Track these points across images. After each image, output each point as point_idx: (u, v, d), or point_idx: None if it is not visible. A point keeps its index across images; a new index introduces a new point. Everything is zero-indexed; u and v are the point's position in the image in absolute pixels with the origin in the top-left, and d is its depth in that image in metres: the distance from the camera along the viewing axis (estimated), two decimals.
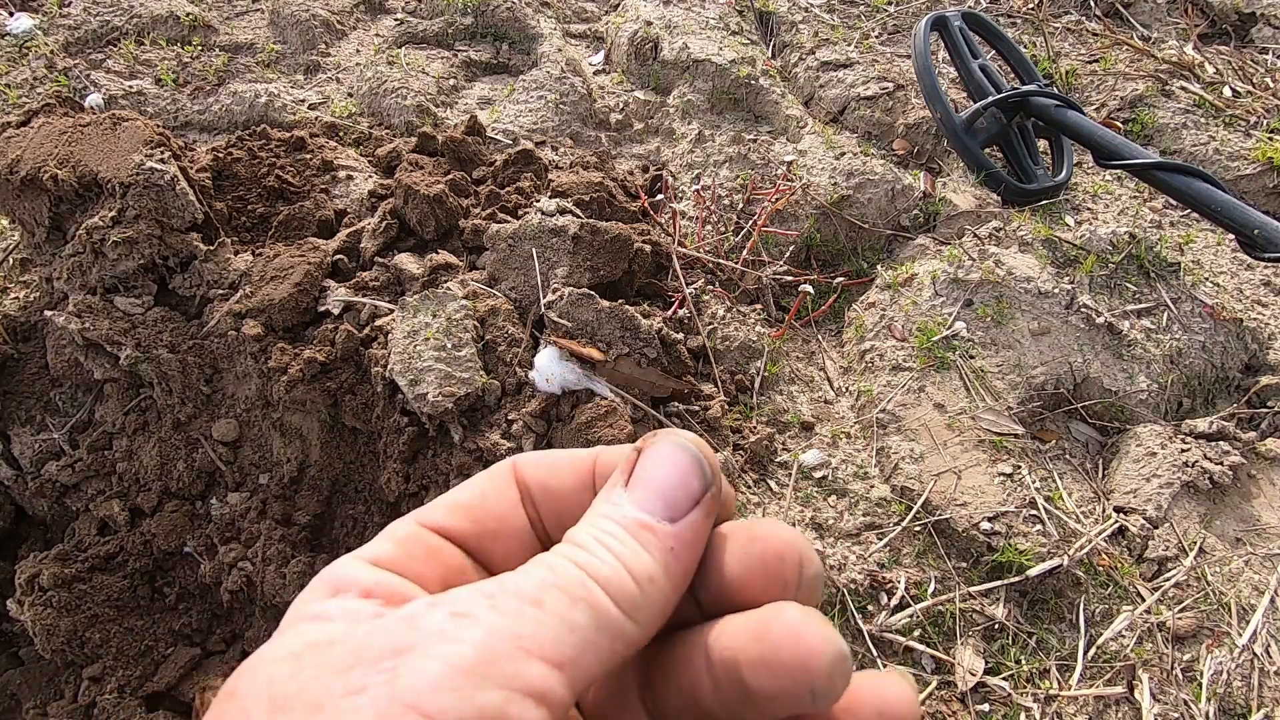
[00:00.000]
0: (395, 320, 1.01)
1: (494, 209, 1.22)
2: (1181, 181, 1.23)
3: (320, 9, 2.01)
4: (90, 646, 0.94)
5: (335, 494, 1.07)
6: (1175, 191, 1.24)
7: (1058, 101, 1.39)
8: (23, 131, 1.08)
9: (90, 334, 0.99)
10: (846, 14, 2.14)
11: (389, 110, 1.70)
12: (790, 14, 2.11)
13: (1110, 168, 1.33)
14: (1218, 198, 1.19)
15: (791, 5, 2.14)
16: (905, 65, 1.93)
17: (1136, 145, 1.32)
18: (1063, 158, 1.52)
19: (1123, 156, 1.29)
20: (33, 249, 1.13)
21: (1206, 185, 1.20)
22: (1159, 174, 1.25)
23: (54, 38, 1.88)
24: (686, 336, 1.08)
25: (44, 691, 0.95)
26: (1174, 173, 1.24)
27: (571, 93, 1.70)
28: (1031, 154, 1.49)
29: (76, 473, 1.03)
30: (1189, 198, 1.23)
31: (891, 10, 2.09)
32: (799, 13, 2.12)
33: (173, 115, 1.68)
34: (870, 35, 2.03)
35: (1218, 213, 1.19)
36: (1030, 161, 1.48)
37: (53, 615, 0.92)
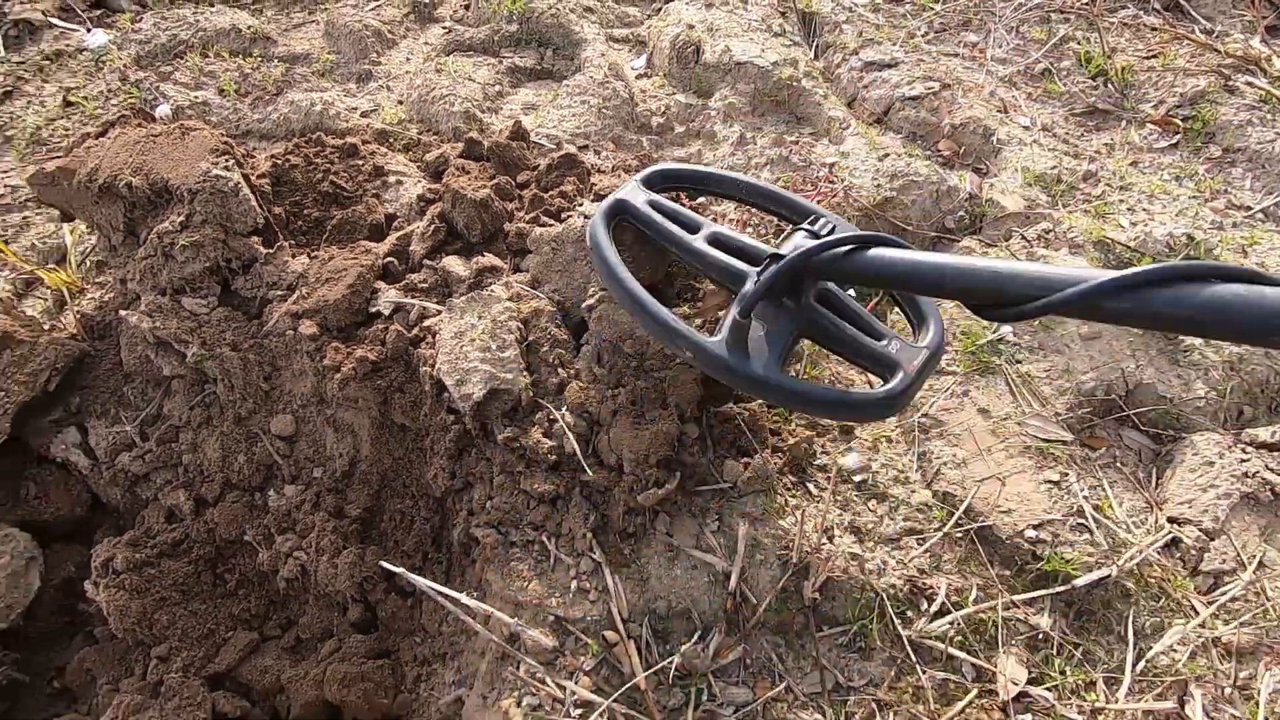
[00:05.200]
0: (443, 321, 1.05)
1: (538, 212, 1.25)
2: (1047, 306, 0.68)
3: (372, 19, 2.07)
4: (158, 628, 1.00)
5: (384, 488, 1.11)
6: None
7: (852, 244, 0.85)
8: (100, 142, 1.15)
9: (160, 332, 1.05)
10: (892, 13, 2.11)
11: (437, 116, 1.75)
12: (834, 14, 2.09)
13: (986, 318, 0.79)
14: None
15: (835, 5, 2.12)
16: (953, 64, 1.90)
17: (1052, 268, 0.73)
18: (923, 312, 0.96)
19: (1031, 294, 0.72)
20: (108, 252, 1.20)
21: None
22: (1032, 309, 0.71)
23: (126, 52, 1.98)
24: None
25: (116, 669, 1.01)
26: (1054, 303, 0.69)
27: (614, 97, 1.72)
28: (865, 325, 0.92)
29: (146, 463, 1.09)
30: None
31: (938, 9, 2.06)
32: (843, 13, 2.10)
33: (235, 124, 1.76)
34: (916, 34, 2.00)
35: None
36: (871, 336, 0.91)
37: (125, 597, 0.98)
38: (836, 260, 0.85)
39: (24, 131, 1.71)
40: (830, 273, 0.87)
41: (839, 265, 0.85)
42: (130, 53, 1.98)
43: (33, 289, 1.39)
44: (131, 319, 1.05)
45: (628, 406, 0.97)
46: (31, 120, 1.73)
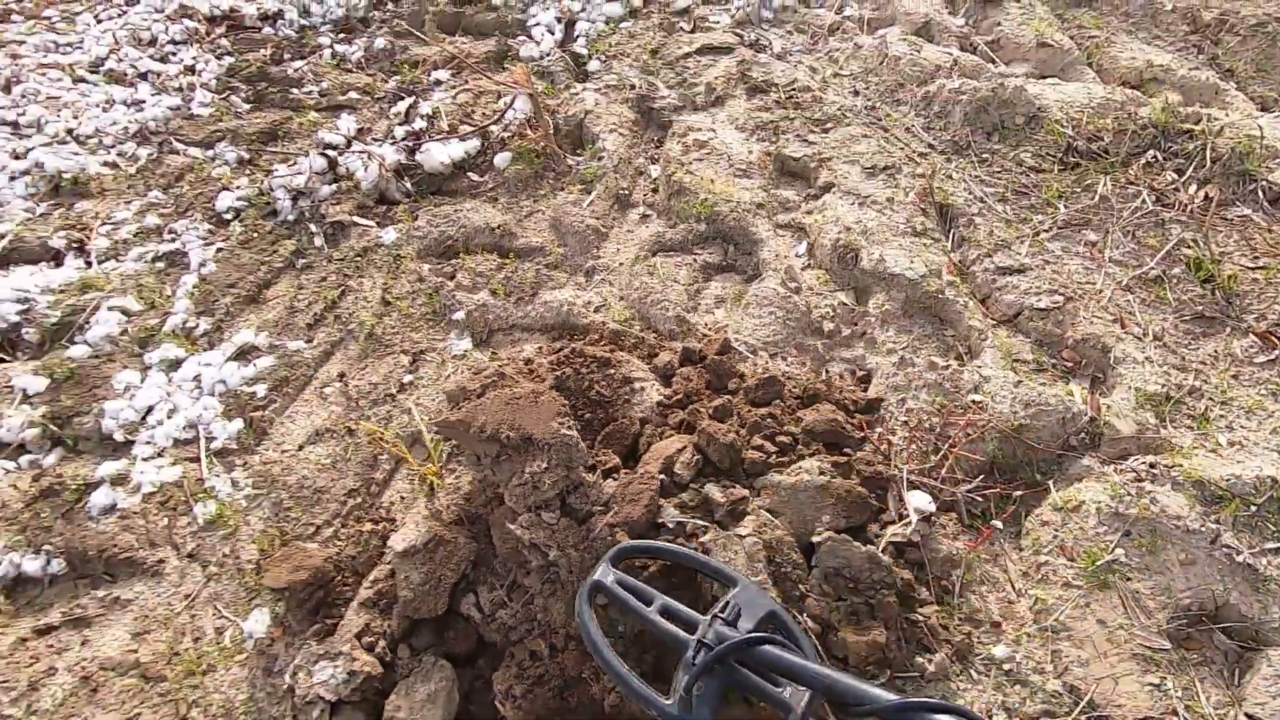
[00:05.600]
0: (713, 548, 1.57)
1: (762, 439, 1.76)
2: None
3: (589, 217, 2.65)
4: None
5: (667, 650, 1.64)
6: None
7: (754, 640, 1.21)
8: (481, 401, 1.75)
9: (531, 538, 1.62)
10: (1018, 205, 2.50)
11: (655, 318, 2.29)
12: (967, 206, 2.50)
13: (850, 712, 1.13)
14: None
15: (969, 196, 2.53)
16: (1074, 266, 2.27)
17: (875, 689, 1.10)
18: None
19: (862, 703, 1.10)
20: (476, 466, 1.79)
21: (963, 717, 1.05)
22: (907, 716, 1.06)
23: (411, 247, 2.64)
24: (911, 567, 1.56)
25: None
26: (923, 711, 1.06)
27: (795, 310, 2.21)
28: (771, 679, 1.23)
29: (515, 618, 1.67)
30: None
31: (1062, 208, 2.43)
32: (975, 203, 2.51)
33: (504, 320, 2.37)
34: (1041, 231, 2.38)
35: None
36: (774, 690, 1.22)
37: (519, 713, 1.56)
38: (740, 652, 1.22)
39: (363, 327, 2.38)
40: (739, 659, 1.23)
41: (744, 656, 1.23)
42: (414, 248, 2.64)
43: (396, 471, 2.02)
44: (513, 528, 1.63)
45: (850, 617, 1.46)
46: (366, 318, 2.40)
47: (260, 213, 2.85)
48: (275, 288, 2.58)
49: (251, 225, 2.80)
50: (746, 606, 1.34)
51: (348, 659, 1.55)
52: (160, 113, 3.46)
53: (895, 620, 1.48)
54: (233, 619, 1.75)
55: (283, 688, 1.61)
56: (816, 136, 2.84)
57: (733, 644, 1.23)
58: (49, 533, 1.92)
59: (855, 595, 1.48)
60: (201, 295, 2.55)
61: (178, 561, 1.86)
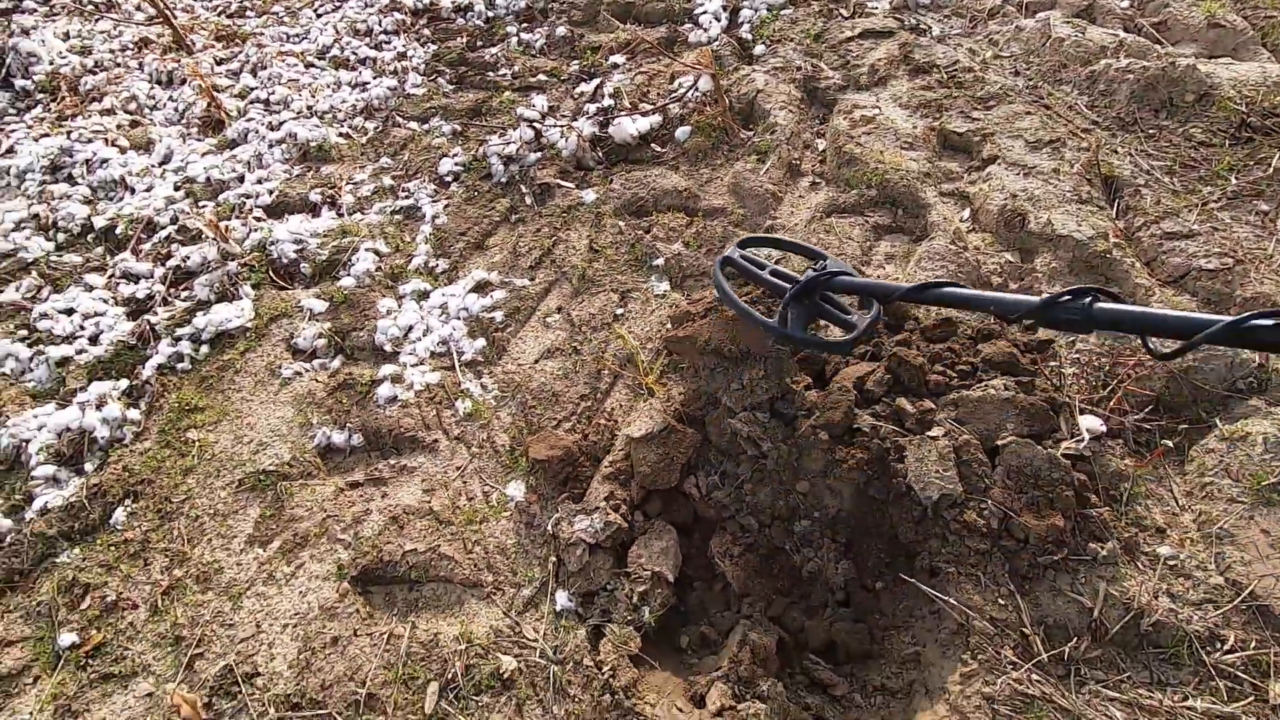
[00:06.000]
0: (907, 447, 1.86)
1: (945, 367, 2.03)
2: (937, 294, 1.54)
3: (766, 182, 2.98)
4: (748, 587, 1.92)
5: (855, 529, 1.96)
6: (944, 302, 1.55)
7: (828, 274, 1.81)
8: (703, 322, 2.11)
9: (748, 433, 1.98)
10: (1186, 178, 2.62)
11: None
12: (1133, 176, 2.65)
13: (891, 303, 1.73)
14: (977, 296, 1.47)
15: (1134, 169, 2.68)
16: (1244, 233, 2.39)
17: (896, 283, 1.66)
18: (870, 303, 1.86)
19: (889, 293, 1.66)
20: (692, 376, 2.16)
21: (963, 289, 1.50)
22: (927, 294, 1.57)
23: (608, 206, 3.05)
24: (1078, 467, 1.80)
25: (723, 604, 1.95)
26: (935, 288, 1.55)
27: (965, 264, 2.45)
28: (843, 309, 1.86)
29: (726, 498, 2.03)
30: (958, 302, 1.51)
31: (1233, 180, 2.54)
32: (1141, 175, 2.65)
33: (696, 267, 2.72)
34: (1210, 202, 2.51)
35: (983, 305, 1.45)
36: (844, 315, 1.84)
37: (735, 570, 1.92)
38: (817, 284, 1.83)
39: (575, 269, 2.81)
40: (819, 288, 1.84)
41: (819, 285, 1.83)
42: (610, 206, 3.05)
43: (615, 384, 2.42)
44: (732, 422, 1.99)
45: (1030, 506, 1.72)
46: (577, 262, 2.83)
47: (477, 175, 3.34)
48: (496, 237, 3.06)
49: (471, 186, 3.30)
50: (831, 265, 1.87)
51: (603, 513, 1.96)
52: (381, 92, 4.05)
53: (1071, 512, 1.73)
54: (495, 486, 2.20)
55: (545, 535, 2.04)
56: (979, 113, 3.04)
57: (815, 275, 1.83)
58: (348, 415, 2.45)
59: (1035, 489, 1.74)
60: (437, 241, 3.06)
61: (448, 442, 2.34)
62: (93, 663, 1.97)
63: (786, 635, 1.90)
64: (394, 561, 2.05)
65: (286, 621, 1.97)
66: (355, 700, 1.77)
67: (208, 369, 2.70)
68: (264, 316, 2.84)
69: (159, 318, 2.90)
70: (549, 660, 1.79)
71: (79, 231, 3.50)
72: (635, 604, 1.86)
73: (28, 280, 3.26)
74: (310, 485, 2.28)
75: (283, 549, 2.13)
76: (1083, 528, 1.74)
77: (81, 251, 3.42)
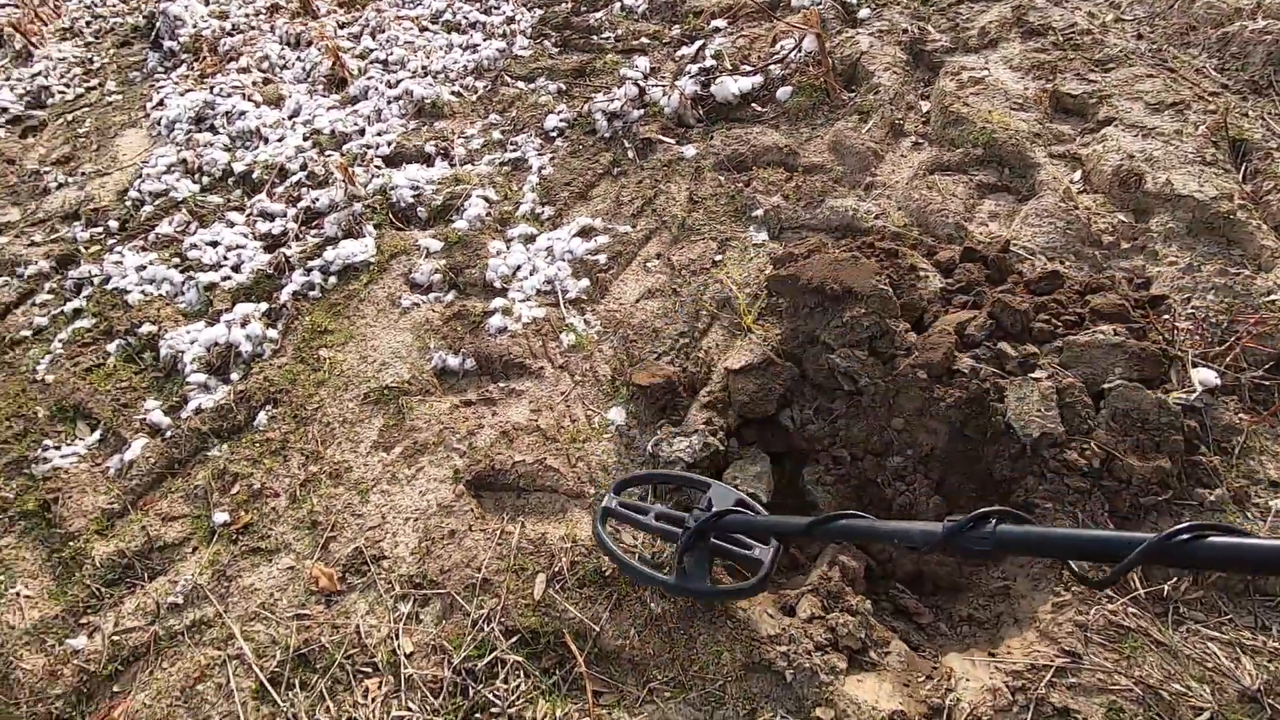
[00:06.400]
0: (1008, 388, 1.89)
1: (1050, 316, 2.03)
2: (839, 527, 1.40)
3: (868, 140, 2.99)
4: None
5: (948, 467, 2.00)
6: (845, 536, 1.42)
7: (716, 515, 1.67)
8: (806, 262, 2.18)
9: (847, 367, 2.04)
10: None
11: (934, 224, 2.60)
12: (1265, 140, 2.54)
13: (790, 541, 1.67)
14: (879, 527, 1.33)
15: (1266, 132, 2.56)
16: None
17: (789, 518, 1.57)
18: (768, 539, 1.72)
19: (787, 530, 1.57)
20: (791, 315, 2.24)
21: (863, 521, 1.35)
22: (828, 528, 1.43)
23: (708, 161, 3.14)
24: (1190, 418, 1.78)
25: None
26: (834, 520, 1.42)
27: (1075, 221, 2.42)
28: (742, 544, 1.71)
29: (820, 431, 2.10)
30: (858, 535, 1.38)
31: None
32: (1274, 139, 2.54)
33: (795, 219, 2.79)
34: None
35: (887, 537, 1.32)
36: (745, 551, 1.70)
37: (828, 497, 2.00)
38: (710, 526, 1.68)
39: (674, 219, 2.91)
40: (714, 531, 1.69)
41: (715, 527, 1.69)
42: (711, 161, 3.13)
43: (712, 325, 2.52)
44: (832, 357, 2.06)
45: (1135, 449, 1.72)
46: (677, 212, 2.93)
47: (581, 131, 3.49)
48: (599, 187, 3.20)
49: (575, 140, 3.45)
50: (719, 499, 1.78)
51: (702, 435, 2.07)
52: (490, 54, 4.25)
53: (1178, 456, 1.72)
54: (597, 411, 2.34)
55: (644, 455, 2.17)
56: (1096, 76, 2.96)
57: (706, 518, 1.69)
58: (462, 342, 2.64)
59: (1141, 433, 1.74)
60: (544, 190, 3.22)
61: (553, 370, 2.50)
62: (242, 538, 2.23)
63: (874, 564, 1.97)
64: (504, 470, 2.22)
65: (408, 515, 2.17)
66: (472, 583, 1.96)
67: (336, 297, 2.95)
68: (385, 253, 3.07)
69: (293, 251, 3.19)
70: (647, 565, 1.92)
71: (220, 175, 3.86)
72: None
73: (178, 216, 3.62)
74: (428, 401, 2.49)
75: (404, 454, 2.34)
76: (1190, 474, 1.73)
77: (223, 193, 3.76)
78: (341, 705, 1.76)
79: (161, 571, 2.21)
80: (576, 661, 1.75)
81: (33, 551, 2.36)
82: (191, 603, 2.09)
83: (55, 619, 2.13)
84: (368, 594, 2.01)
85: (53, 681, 1.97)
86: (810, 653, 1.68)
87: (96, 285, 3.33)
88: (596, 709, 1.68)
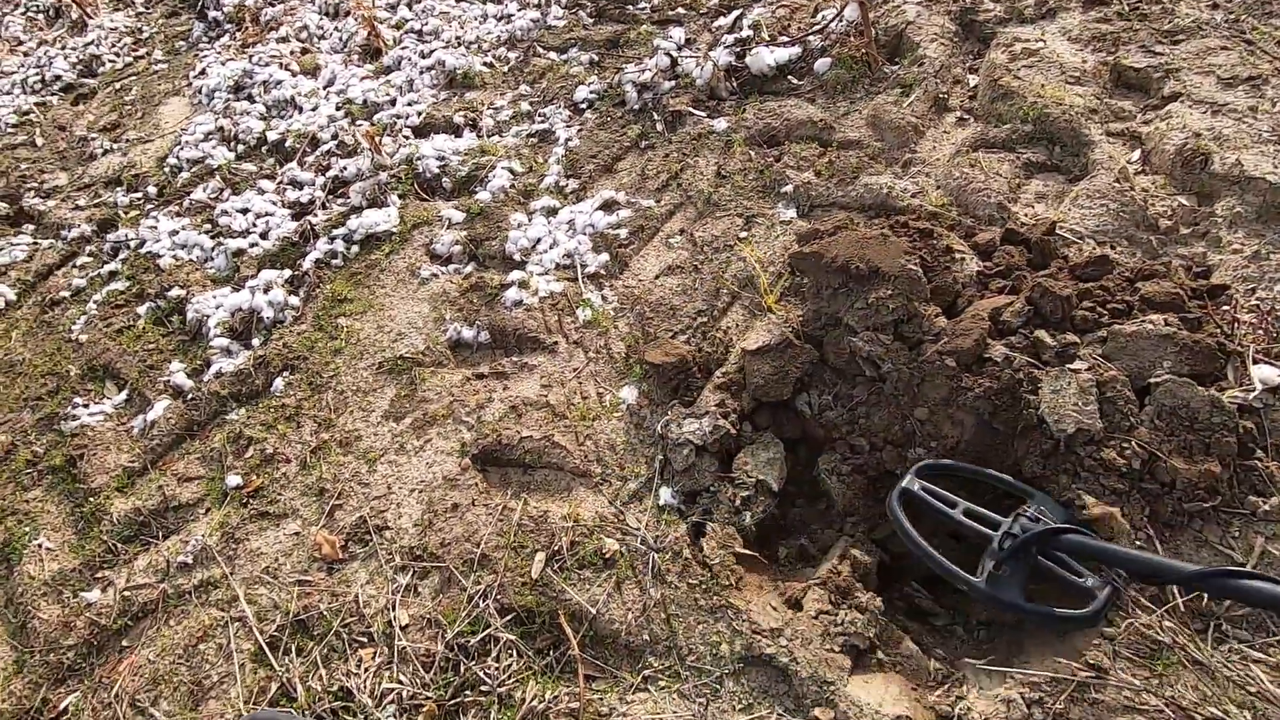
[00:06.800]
0: (1043, 379, 1.75)
1: (1093, 303, 1.88)
2: (1235, 586, 1.21)
3: (909, 115, 2.83)
4: (853, 506, 1.90)
5: (974, 461, 1.88)
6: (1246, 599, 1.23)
7: (1058, 530, 1.44)
8: (832, 239, 2.07)
9: (869, 351, 1.93)
10: None
11: (974, 204, 2.44)
12: None
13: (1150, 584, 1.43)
14: None
15: None
16: None
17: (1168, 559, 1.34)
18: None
19: (1161, 575, 1.34)
20: (813, 296, 2.13)
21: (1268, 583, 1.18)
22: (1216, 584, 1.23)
23: (739, 135, 3.01)
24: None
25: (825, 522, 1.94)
26: (1229, 578, 1.21)
27: (1130, 203, 2.24)
28: (1071, 568, 1.49)
29: (838, 418, 2.00)
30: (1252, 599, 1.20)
31: None
32: None
33: (826, 197, 2.66)
34: None
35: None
36: (1074, 577, 1.48)
37: (841, 488, 1.90)
38: (1045, 540, 1.45)
39: (700, 194, 2.81)
40: (1049, 545, 1.46)
41: (1049, 542, 1.46)
42: (742, 135, 3.01)
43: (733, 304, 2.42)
44: (854, 340, 1.95)
45: (1181, 450, 1.58)
46: (703, 187, 2.83)
47: (611, 103, 3.39)
48: (625, 161, 3.11)
49: (604, 112, 3.36)
50: (1048, 511, 1.58)
51: (713, 417, 1.99)
52: (524, 24, 4.17)
53: (1230, 460, 1.57)
54: (609, 389, 2.28)
55: (653, 435, 2.10)
56: (1164, 48, 2.73)
57: (1043, 530, 1.47)
58: (477, 314, 2.61)
59: (1189, 433, 1.59)
60: (569, 162, 3.15)
61: (566, 345, 2.44)
62: (253, 502, 2.24)
63: (888, 559, 1.87)
64: (511, 445, 2.18)
65: (414, 486, 2.15)
66: (470, 559, 1.92)
67: (357, 266, 2.94)
68: (408, 223, 3.05)
69: (319, 219, 3.19)
70: (649, 547, 1.86)
71: (255, 144, 3.89)
72: (737, 508, 1.89)
73: (213, 183, 3.66)
74: (440, 373, 2.46)
75: (413, 425, 2.31)
76: (1243, 479, 1.58)
77: (256, 161, 3.79)
78: (334, 673, 1.76)
79: (175, 531, 2.24)
80: (570, 644, 1.71)
81: (58, 505, 2.42)
82: (200, 563, 2.11)
83: (73, 572, 2.18)
84: (369, 563, 2.00)
85: (66, 632, 2.02)
86: (814, 649, 1.60)
87: (132, 249, 3.40)
88: (588, 693, 1.64)
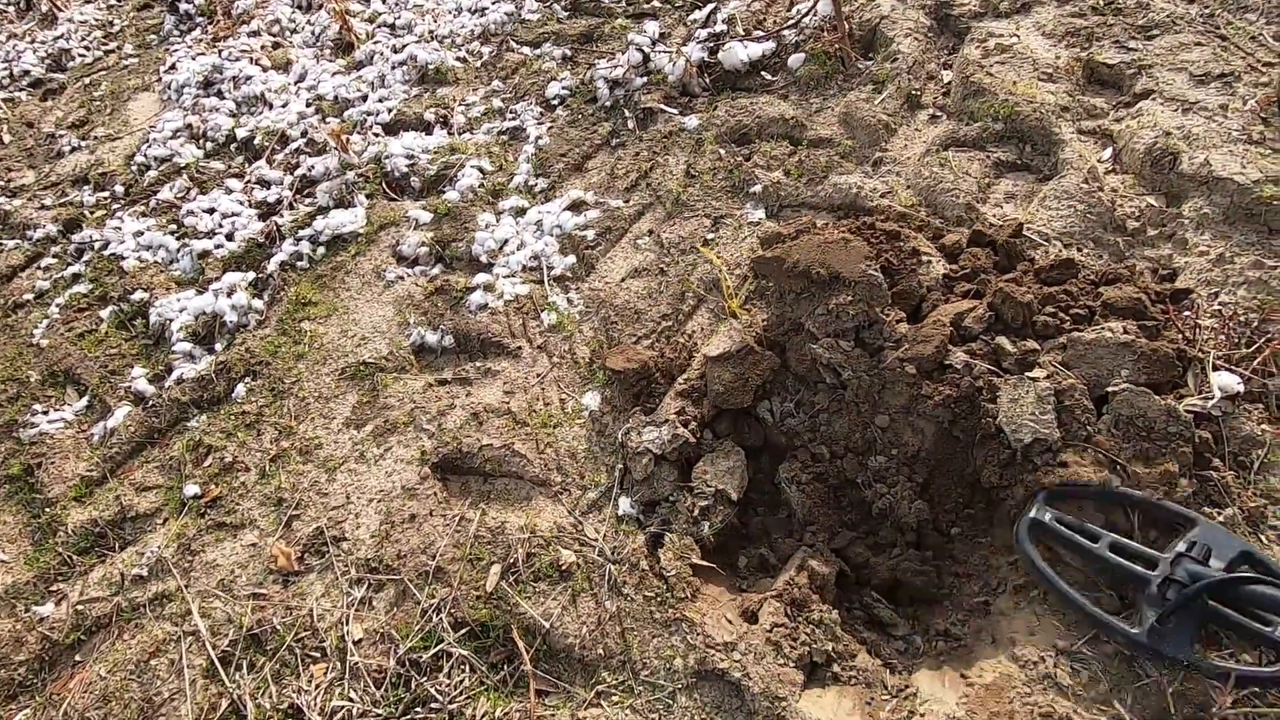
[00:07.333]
0: (1001, 386, 1.73)
1: (1056, 308, 1.86)
2: None
3: (880, 113, 2.79)
4: (812, 516, 1.88)
5: (935, 469, 1.86)
6: None
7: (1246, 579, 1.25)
8: (794, 243, 2.03)
9: (830, 359, 1.90)
10: None
11: (943, 205, 2.41)
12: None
13: None
14: None
15: None
16: None
17: None
18: None
19: None
20: (776, 301, 2.10)
21: None
22: None
23: (710, 132, 2.97)
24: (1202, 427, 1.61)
25: (785, 530, 1.92)
26: None
27: (1097, 205, 2.21)
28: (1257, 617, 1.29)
29: (800, 426, 1.97)
30: None
31: None
32: None
33: (795, 197, 2.62)
34: None
35: None
36: (1259, 626, 1.27)
37: (801, 498, 1.88)
38: (1224, 589, 1.24)
39: (669, 194, 2.77)
40: (1219, 597, 1.25)
41: (1226, 593, 1.25)
42: (713, 133, 2.97)
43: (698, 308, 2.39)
44: (815, 347, 1.92)
45: (1139, 458, 1.56)
46: (672, 187, 2.79)
47: (582, 99, 3.34)
48: (596, 159, 3.06)
49: (576, 109, 3.31)
50: (1215, 546, 1.37)
51: (672, 426, 1.96)
52: (498, 18, 4.10)
53: (1187, 470, 1.56)
54: (572, 395, 2.25)
55: (614, 443, 2.07)
56: (1137, 43, 2.70)
57: (1219, 579, 1.25)
58: (442, 318, 2.57)
59: (1146, 442, 1.58)
60: (539, 160, 3.10)
61: (530, 350, 2.41)
62: (210, 512, 2.21)
63: (848, 569, 1.85)
64: (471, 454, 2.15)
65: (372, 496, 2.12)
66: (425, 571, 1.90)
67: (323, 268, 2.90)
68: (375, 224, 3.00)
69: (285, 220, 3.14)
70: (606, 559, 1.83)
71: (223, 141, 3.82)
72: (696, 517, 1.87)
73: (179, 182, 3.60)
74: (403, 379, 2.42)
75: (374, 433, 2.28)
76: (1200, 490, 1.56)
77: (225, 159, 3.73)
78: (285, 690, 1.73)
79: (131, 542, 2.21)
80: (523, 659, 1.69)
81: (14, 516, 2.38)
82: (155, 575, 2.08)
83: (26, 585, 2.15)
84: (324, 575, 1.97)
85: (17, 648, 1.99)
86: (767, 664, 1.58)
87: (96, 250, 3.34)
88: (539, 709, 1.62)
